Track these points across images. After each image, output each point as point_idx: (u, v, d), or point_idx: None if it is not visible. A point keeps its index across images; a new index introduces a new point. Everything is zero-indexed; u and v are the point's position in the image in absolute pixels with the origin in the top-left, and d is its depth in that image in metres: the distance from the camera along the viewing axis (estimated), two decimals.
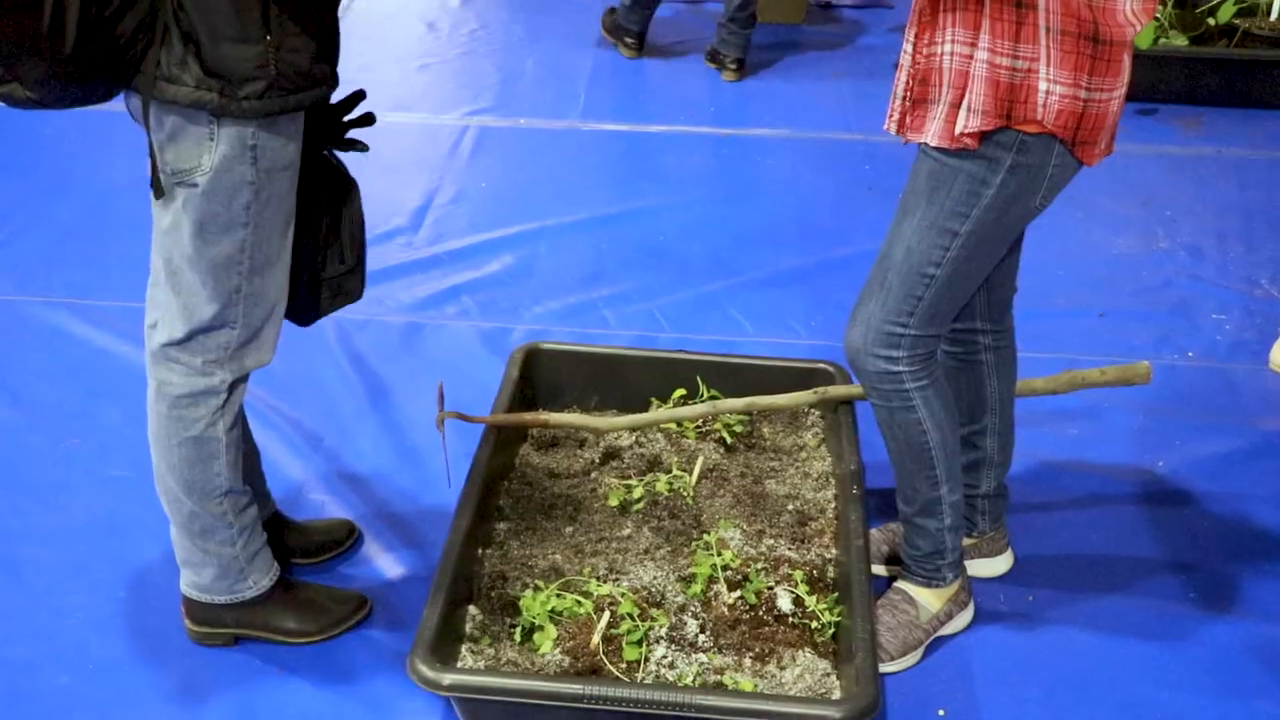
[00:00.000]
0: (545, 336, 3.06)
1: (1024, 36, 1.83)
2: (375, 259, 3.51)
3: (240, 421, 2.11)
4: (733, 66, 4.96)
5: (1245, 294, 3.52)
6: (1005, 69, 1.84)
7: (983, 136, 1.89)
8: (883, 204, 3.96)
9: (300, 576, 2.39)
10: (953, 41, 1.89)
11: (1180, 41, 4.78)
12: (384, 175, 3.98)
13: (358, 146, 2.07)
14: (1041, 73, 1.84)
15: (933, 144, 1.94)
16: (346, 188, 2.09)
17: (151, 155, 1.84)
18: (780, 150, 4.38)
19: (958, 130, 1.89)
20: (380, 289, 3.41)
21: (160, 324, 2.01)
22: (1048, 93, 1.85)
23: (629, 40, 5.15)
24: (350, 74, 1.91)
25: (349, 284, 2.15)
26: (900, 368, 2.07)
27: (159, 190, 1.86)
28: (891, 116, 2.07)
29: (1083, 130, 1.89)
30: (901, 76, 2.06)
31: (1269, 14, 4.89)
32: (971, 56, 1.87)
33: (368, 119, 2.05)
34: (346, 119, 2.03)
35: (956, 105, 1.90)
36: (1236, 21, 4.83)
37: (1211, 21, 4.87)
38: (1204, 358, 3.23)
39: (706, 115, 4.64)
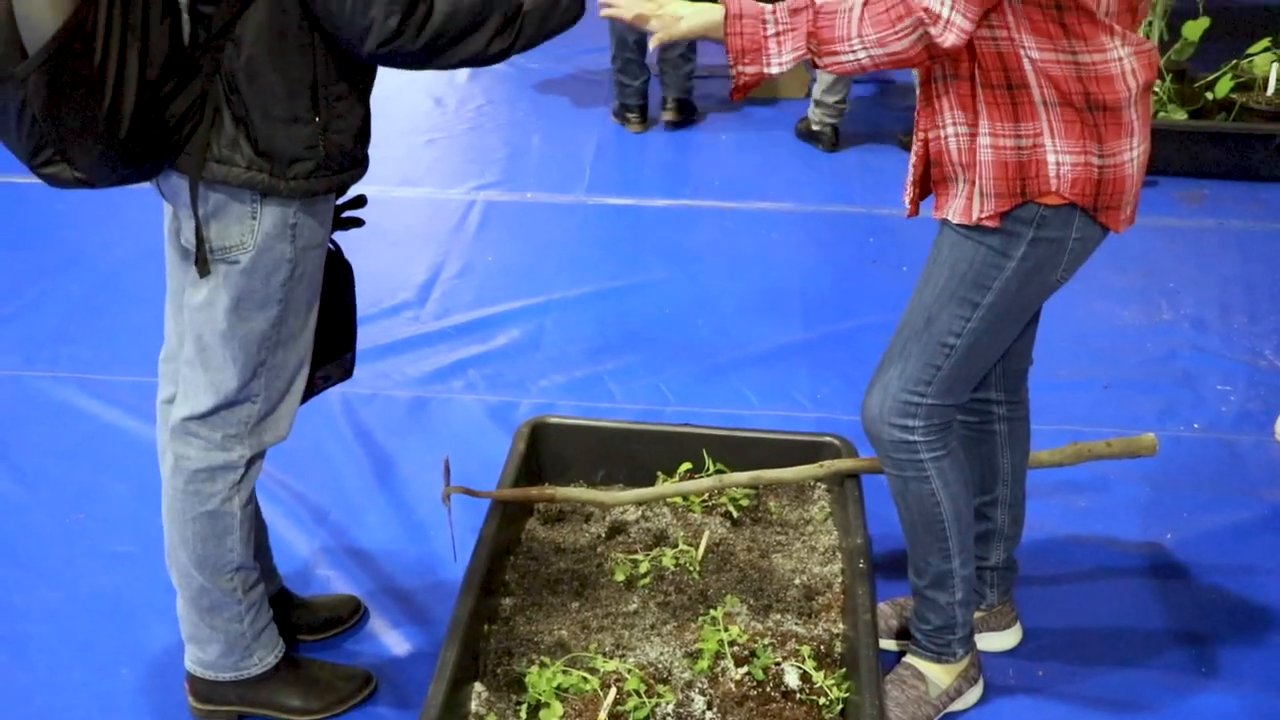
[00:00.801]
0: (551, 410, 3.07)
1: (1022, 115, 1.85)
2: (381, 333, 3.56)
3: (253, 497, 2.12)
4: (670, 109, 5.27)
5: (1249, 365, 3.53)
6: (1010, 149, 1.87)
7: (1004, 214, 1.91)
8: (886, 277, 3.98)
9: (306, 653, 2.38)
10: (954, 124, 1.91)
11: (1179, 115, 4.83)
12: (390, 250, 4.02)
13: (355, 224, 2.10)
14: (1048, 145, 1.86)
15: (954, 220, 1.95)
16: (344, 272, 2.12)
17: (198, 234, 1.86)
18: (784, 223, 4.41)
19: (974, 216, 1.91)
20: (386, 363, 3.43)
21: (182, 398, 2.02)
22: (1058, 164, 1.87)
23: (631, 116, 5.22)
24: None
25: (338, 370, 2.18)
26: (916, 437, 2.07)
27: (204, 269, 1.88)
28: (906, 193, 2.09)
29: (1103, 196, 1.91)
30: (912, 158, 2.08)
31: (1265, 89, 4.94)
32: (975, 140, 1.89)
33: (359, 201, 2.08)
34: (340, 201, 2.05)
35: (972, 185, 1.92)
36: (1234, 96, 4.89)
37: (1210, 96, 4.92)
38: (1209, 429, 3.23)
39: (711, 189, 4.68)
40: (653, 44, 2.00)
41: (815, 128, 5.08)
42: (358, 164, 1.92)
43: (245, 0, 1.73)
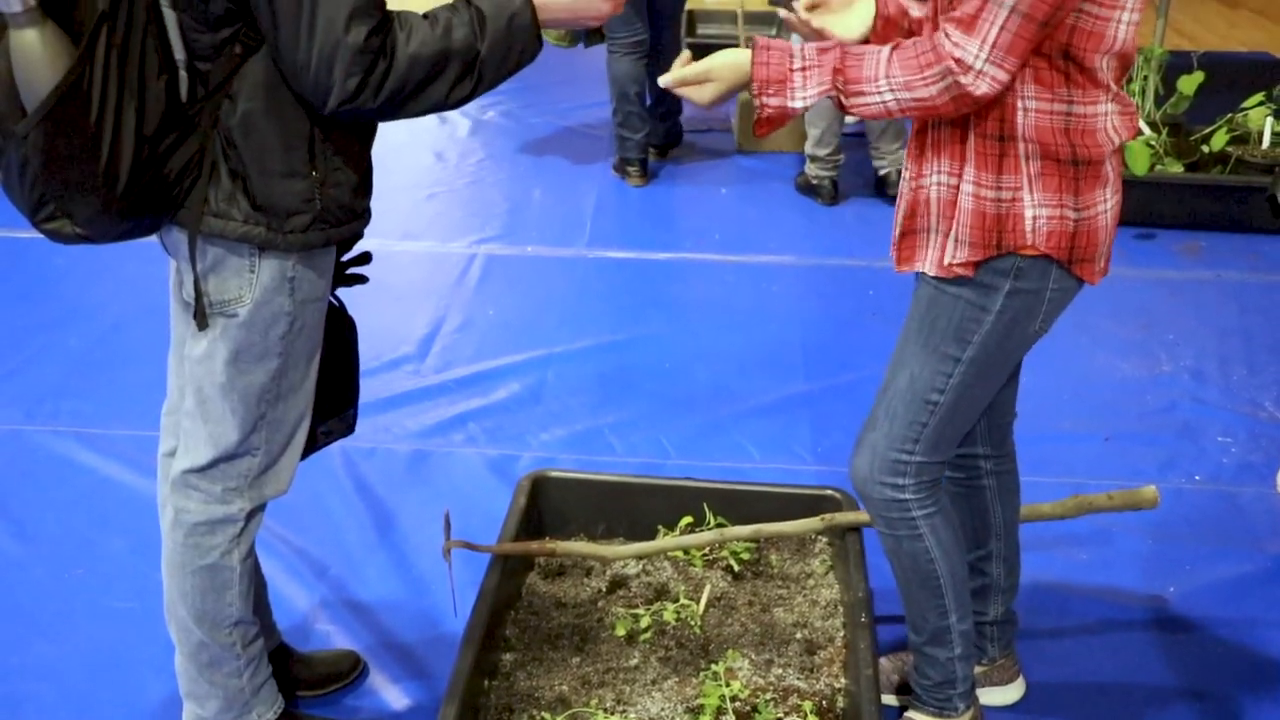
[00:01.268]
0: (552, 464, 3.07)
1: (1006, 168, 1.86)
2: (382, 386, 3.56)
3: (253, 551, 2.12)
4: (653, 151, 5.48)
5: (1250, 417, 3.53)
6: (990, 200, 1.87)
7: (978, 264, 1.91)
8: (886, 329, 3.99)
9: (305, 709, 2.37)
10: (938, 173, 1.92)
11: (1176, 168, 4.86)
12: (392, 303, 4.03)
13: (359, 280, 2.11)
14: (1026, 200, 1.86)
15: (930, 273, 1.96)
16: (346, 327, 2.12)
17: (196, 287, 1.87)
18: (784, 276, 4.43)
19: (946, 262, 1.92)
20: (387, 416, 3.43)
21: (182, 451, 2.02)
22: (1034, 217, 1.87)
23: (631, 170, 5.26)
24: None
25: (341, 425, 2.18)
26: (907, 495, 2.07)
27: (203, 322, 1.89)
28: (893, 244, 2.11)
29: (1077, 249, 1.91)
30: (901, 205, 2.10)
31: (1260, 142, 4.98)
32: (957, 188, 1.90)
33: (364, 258, 2.09)
34: (345, 258, 2.06)
35: (947, 235, 1.92)
36: (1229, 149, 4.93)
37: (1205, 149, 4.96)
38: (1210, 481, 3.22)
39: (711, 242, 4.70)
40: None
41: (814, 182, 5.12)
42: (356, 217, 1.92)
43: (241, 56, 1.75)
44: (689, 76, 1.92)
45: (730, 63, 1.90)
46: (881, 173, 5.13)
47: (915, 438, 2.04)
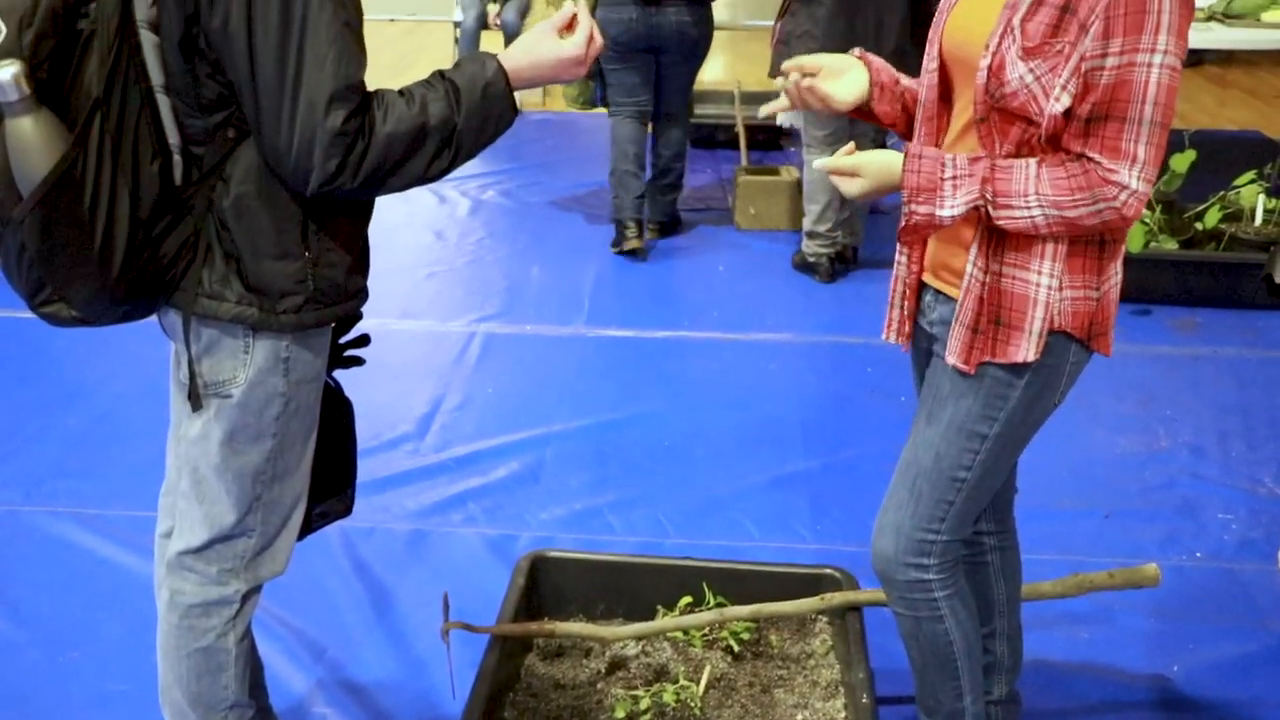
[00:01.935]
0: (551, 543, 3.06)
1: (1040, 253, 1.87)
2: (381, 466, 3.56)
3: (249, 633, 2.10)
4: (653, 228, 5.55)
5: (1249, 493, 3.53)
6: (1032, 285, 1.88)
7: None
8: (885, 406, 4.00)
9: None
10: (982, 259, 1.90)
11: (1170, 245, 4.90)
12: (391, 382, 4.04)
13: (356, 363, 2.11)
14: (1054, 283, 1.87)
15: (982, 360, 1.94)
16: (343, 409, 2.13)
17: (190, 368, 1.88)
18: (782, 353, 4.44)
19: (1014, 357, 1.91)
20: (386, 496, 3.43)
21: (178, 532, 2.01)
22: (1062, 299, 1.88)
23: (628, 231, 5.33)
24: None
25: (339, 505, 2.18)
26: (931, 576, 2.06)
27: (197, 403, 1.89)
28: (890, 326, 2.12)
29: (1095, 325, 1.93)
30: (898, 287, 2.11)
31: (1253, 219, 5.02)
32: (1000, 278, 1.90)
33: (363, 340, 2.10)
34: (343, 340, 2.07)
35: (970, 327, 1.92)
36: (1223, 226, 4.97)
37: (1199, 226, 5.01)
38: (1212, 558, 3.21)
39: (709, 320, 4.73)
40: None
41: (810, 259, 5.15)
42: (351, 297, 1.92)
43: (234, 140, 1.77)
44: (842, 166, 1.91)
45: (884, 163, 1.88)
46: (811, 259, 5.18)
47: (942, 516, 2.03)
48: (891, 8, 4.71)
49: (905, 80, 2.10)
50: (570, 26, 1.88)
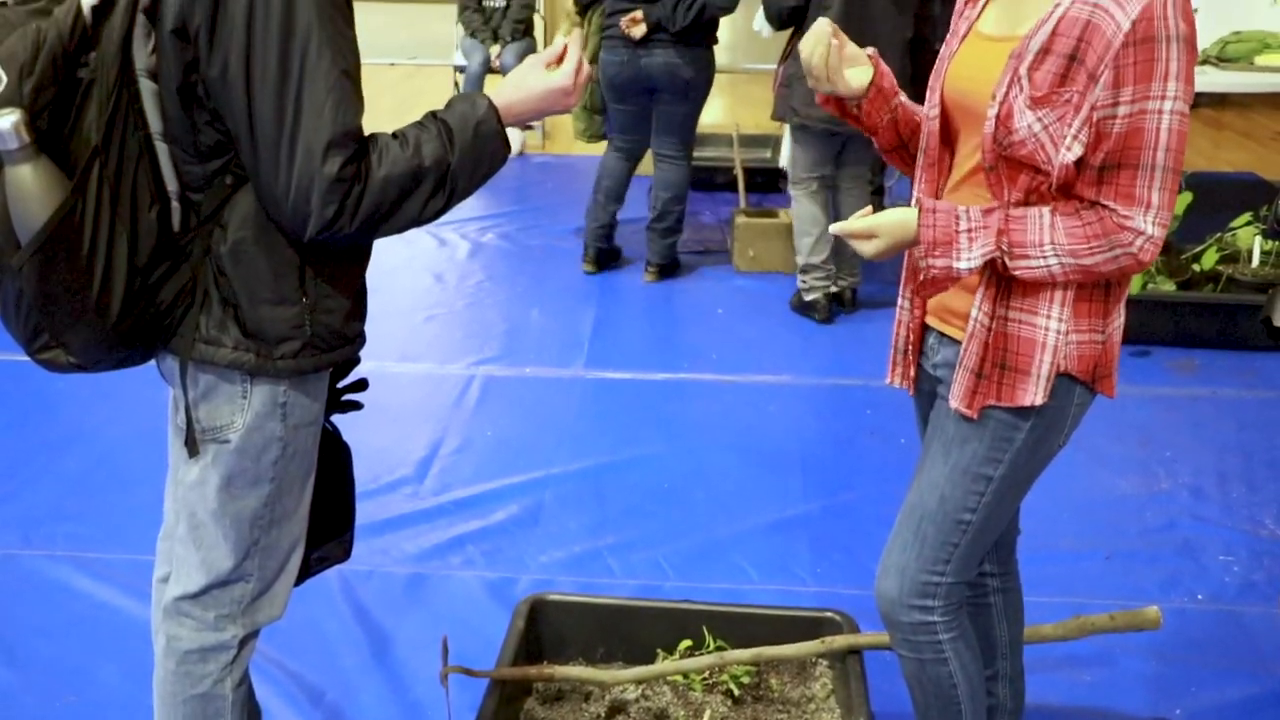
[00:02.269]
0: (551, 586, 3.05)
1: (1048, 297, 1.87)
2: (380, 509, 3.55)
3: (246, 679, 2.09)
4: (652, 270, 5.60)
5: (1250, 535, 3.52)
6: (1041, 329, 1.88)
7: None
8: (885, 449, 4.00)
9: None
10: (988, 304, 1.90)
11: (1168, 286, 4.92)
12: (390, 425, 4.04)
13: (354, 407, 2.11)
14: (1061, 328, 1.88)
15: (985, 405, 1.94)
16: (341, 453, 2.13)
17: (187, 414, 1.88)
18: (781, 396, 4.44)
19: (1017, 399, 1.91)
20: (385, 539, 3.42)
21: (175, 577, 2.01)
22: (1069, 344, 1.89)
23: (585, 256, 5.63)
24: None
25: (337, 550, 2.17)
26: (935, 618, 2.05)
27: (194, 449, 1.89)
28: (893, 370, 2.12)
29: (1100, 367, 1.94)
30: (901, 331, 2.11)
31: (1250, 261, 5.04)
32: (1006, 322, 1.90)
33: (361, 385, 2.10)
34: (341, 384, 2.07)
35: (975, 371, 1.92)
36: (1220, 268, 4.99)
37: (1196, 268, 5.02)
38: (1213, 601, 3.20)
39: (708, 362, 4.73)
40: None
41: (808, 297, 5.17)
42: (348, 342, 1.92)
43: (232, 187, 1.78)
44: (856, 229, 1.90)
45: (898, 221, 1.88)
46: (835, 289, 5.24)
47: (947, 559, 2.02)
48: (892, 54, 4.74)
49: (905, 99, 2.10)
50: (560, 59, 1.90)
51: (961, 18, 2.02)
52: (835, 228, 1.93)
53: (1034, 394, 1.90)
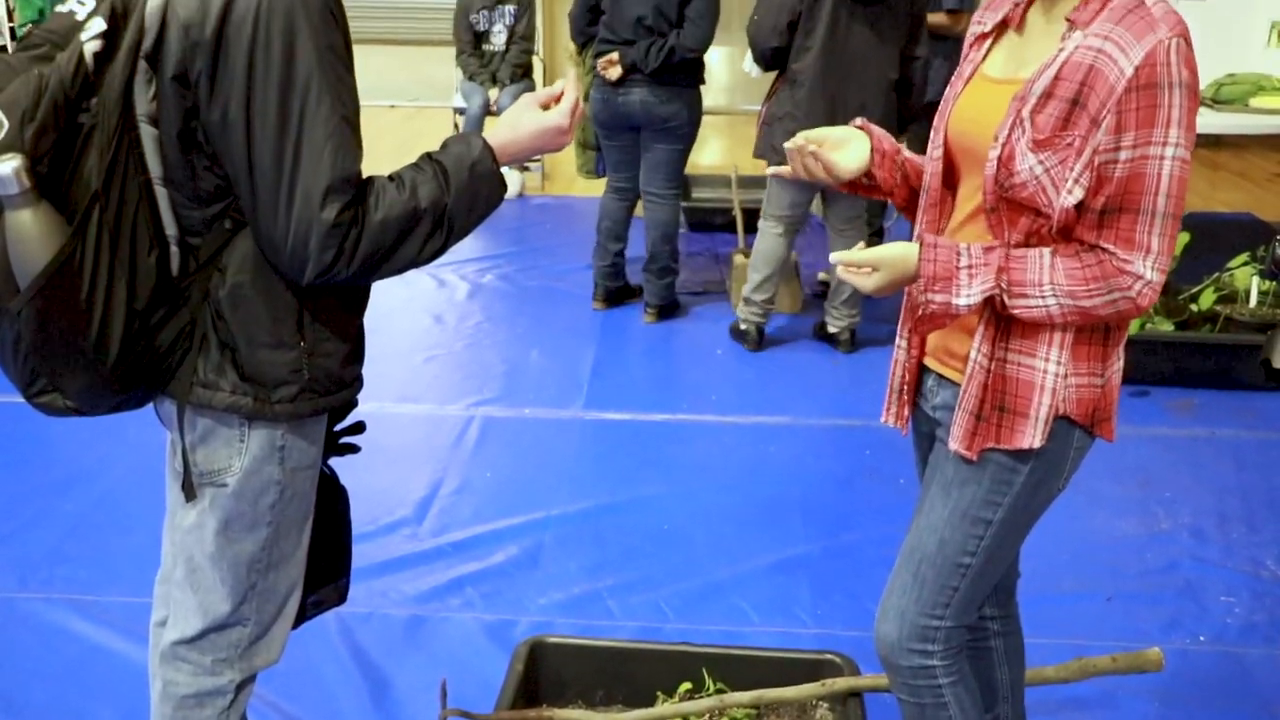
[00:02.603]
0: (550, 628, 3.04)
1: (1045, 339, 1.87)
2: (379, 550, 3.54)
3: None
4: (651, 311, 5.62)
5: (1251, 576, 3.51)
6: (1040, 371, 1.88)
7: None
8: (884, 489, 3.99)
9: None
10: (986, 345, 1.91)
11: (1166, 326, 4.93)
12: (389, 466, 4.03)
13: (351, 450, 2.11)
14: (1059, 370, 1.88)
15: (983, 447, 1.94)
16: (338, 497, 2.12)
17: (184, 458, 1.88)
18: (782, 437, 4.44)
19: (1016, 443, 1.91)
20: (383, 581, 3.41)
21: (173, 621, 2.00)
22: (1067, 387, 1.89)
23: (595, 292, 5.73)
24: None
25: (333, 594, 2.17)
26: (935, 662, 2.04)
27: (191, 493, 1.89)
28: (888, 410, 2.13)
29: (1100, 411, 1.94)
30: (897, 371, 2.12)
31: (1248, 301, 5.05)
32: (1004, 364, 1.90)
33: (359, 428, 2.10)
34: (339, 427, 2.07)
35: (974, 413, 1.92)
36: (1218, 308, 5.00)
37: (1194, 308, 5.03)
38: (1215, 642, 3.19)
39: (708, 403, 4.73)
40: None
41: (743, 326, 5.29)
42: (345, 386, 1.92)
43: (231, 231, 1.78)
44: (857, 261, 1.90)
45: (898, 255, 1.87)
46: (832, 330, 5.31)
47: (946, 602, 2.02)
48: (875, 95, 4.78)
49: (907, 152, 2.12)
50: (558, 99, 1.92)
51: (967, 60, 2.03)
52: (836, 257, 1.92)
53: (1032, 437, 1.90)
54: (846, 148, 2.07)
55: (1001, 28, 1.99)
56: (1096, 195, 1.78)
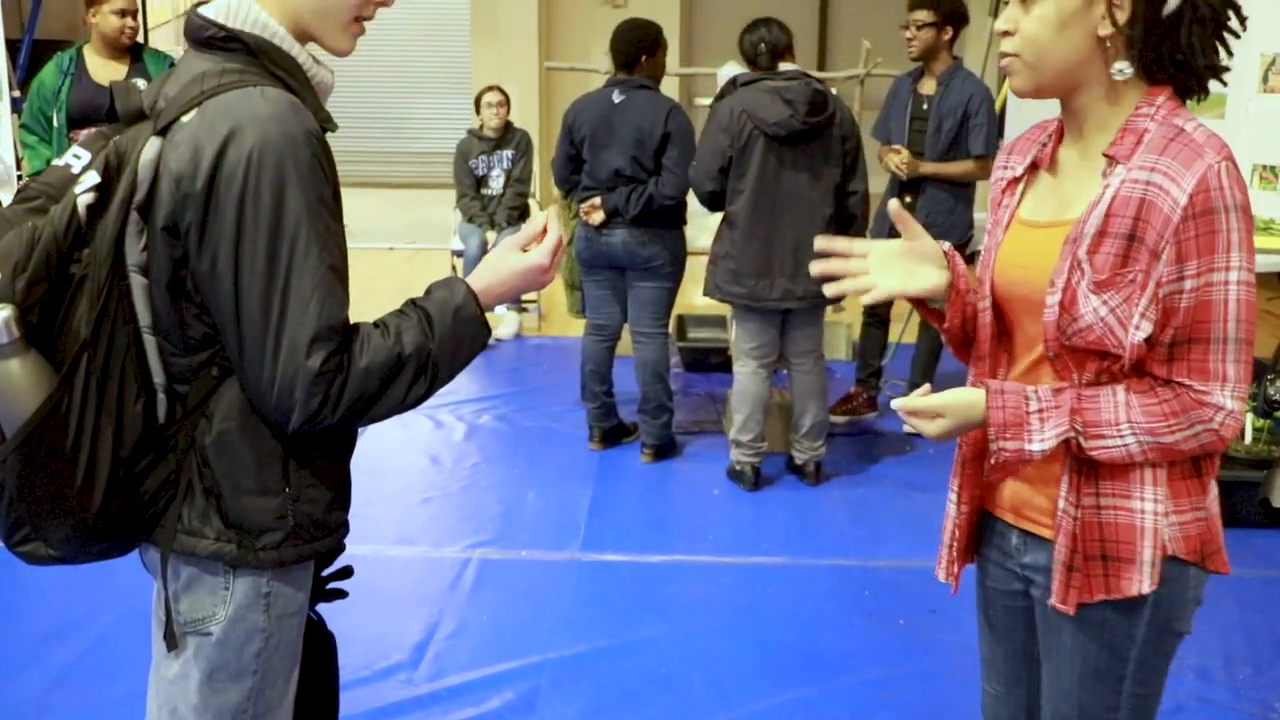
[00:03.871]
0: None
1: (1138, 478, 1.81)
2: (374, 696, 3.49)
3: None
4: (647, 452, 5.61)
5: (1260, 718, 3.45)
6: (1138, 513, 1.82)
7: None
8: (883, 630, 3.95)
9: None
10: (1075, 494, 1.84)
11: None
12: (384, 610, 3.99)
13: (339, 595, 2.09)
14: (1160, 509, 1.81)
15: (1061, 606, 1.88)
16: (325, 644, 2.10)
17: (166, 607, 1.86)
18: (779, 577, 4.40)
19: (1126, 592, 1.84)
20: None
21: None
22: (1171, 525, 1.82)
23: (591, 433, 5.72)
24: (354, 508, 1.96)
25: None
26: None
27: (173, 642, 1.87)
28: (939, 563, 2.07)
29: (1208, 544, 1.86)
30: (948, 525, 2.05)
31: (1243, 438, 5.06)
32: (1078, 506, 1.84)
33: (346, 572, 2.08)
34: (326, 572, 2.05)
35: (1066, 564, 1.85)
36: None
37: None
38: None
39: (705, 544, 4.70)
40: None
41: (737, 468, 5.27)
42: (331, 532, 1.91)
43: (218, 378, 1.79)
44: (921, 408, 1.84)
45: (965, 402, 1.82)
46: (799, 462, 5.32)
47: None
48: (810, 232, 4.71)
49: (983, 301, 2.00)
50: (541, 235, 1.94)
51: (1001, 206, 1.98)
52: (899, 404, 1.86)
53: (1141, 582, 1.83)
54: (919, 269, 1.97)
55: (1032, 170, 1.95)
56: (1165, 328, 1.74)
